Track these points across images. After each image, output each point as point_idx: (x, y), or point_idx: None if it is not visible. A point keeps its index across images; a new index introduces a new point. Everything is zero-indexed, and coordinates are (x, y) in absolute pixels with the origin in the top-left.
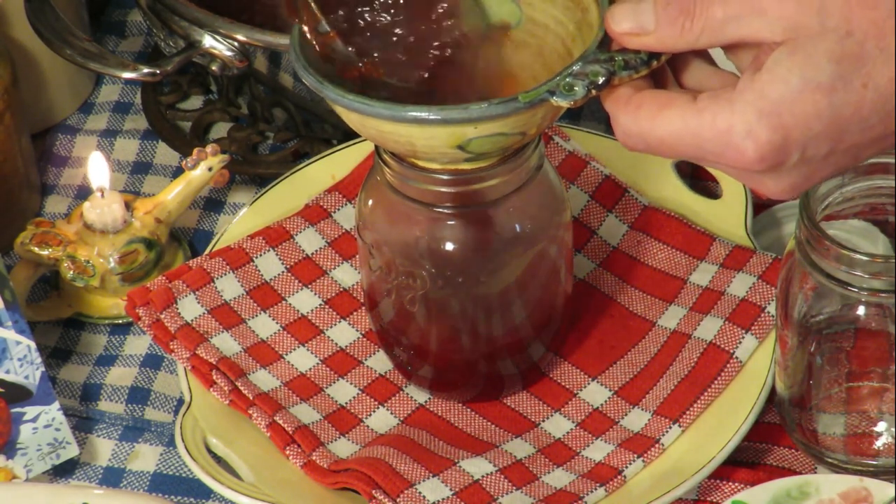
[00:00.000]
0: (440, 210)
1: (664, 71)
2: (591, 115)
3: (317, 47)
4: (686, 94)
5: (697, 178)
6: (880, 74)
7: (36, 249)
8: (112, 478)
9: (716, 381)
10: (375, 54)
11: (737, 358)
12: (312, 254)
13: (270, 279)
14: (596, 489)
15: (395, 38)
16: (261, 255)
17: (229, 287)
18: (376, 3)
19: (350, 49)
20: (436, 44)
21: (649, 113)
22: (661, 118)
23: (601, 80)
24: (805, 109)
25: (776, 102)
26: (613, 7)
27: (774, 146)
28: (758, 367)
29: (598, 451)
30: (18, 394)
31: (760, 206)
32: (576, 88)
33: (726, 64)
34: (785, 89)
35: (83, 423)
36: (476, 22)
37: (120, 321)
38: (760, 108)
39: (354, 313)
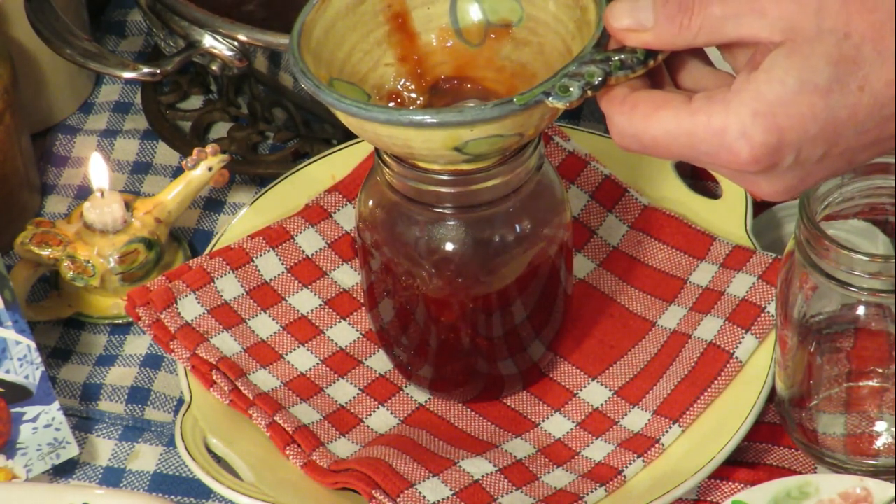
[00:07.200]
0: (440, 210)
1: (660, 71)
2: (592, 115)
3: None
4: (681, 95)
5: (697, 178)
6: (877, 78)
7: (36, 249)
8: (112, 478)
9: (716, 382)
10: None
11: (737, 358)
12: (312, 255)
13: (270, 279)
14: (596, 489)
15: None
16: (261, 256)
17: (229, 287)
18: None
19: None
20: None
21: (644, 113)
22: (656, 118)
23: (597, 80)
24: (801, 111)
25: (772, 103)
26: (612, 4)
27: (769, 147)
28: (758, 367)
29: (598, 451)
30: (18, 394)
31: (760, 206)
32: (571, 89)
33: (723, 65)
34: (781, 90)
35: (83, 423)
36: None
37: (120, 321)
38: (755, 109)
39: (354, 313)
